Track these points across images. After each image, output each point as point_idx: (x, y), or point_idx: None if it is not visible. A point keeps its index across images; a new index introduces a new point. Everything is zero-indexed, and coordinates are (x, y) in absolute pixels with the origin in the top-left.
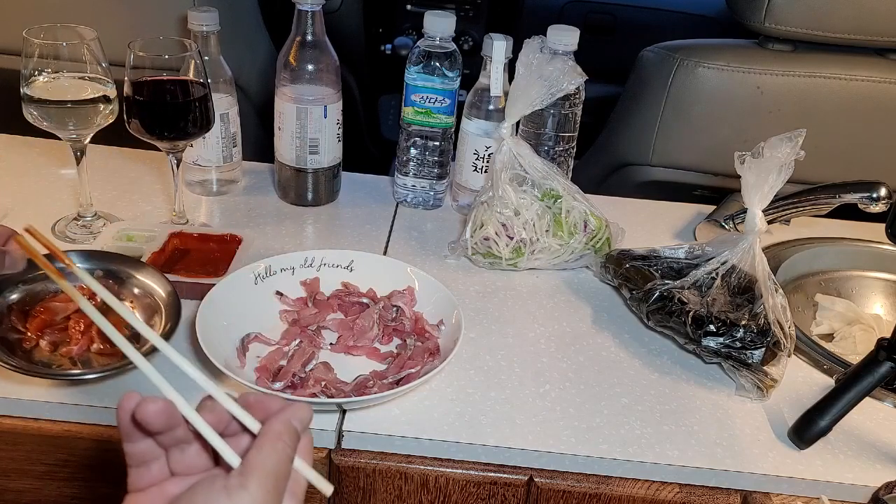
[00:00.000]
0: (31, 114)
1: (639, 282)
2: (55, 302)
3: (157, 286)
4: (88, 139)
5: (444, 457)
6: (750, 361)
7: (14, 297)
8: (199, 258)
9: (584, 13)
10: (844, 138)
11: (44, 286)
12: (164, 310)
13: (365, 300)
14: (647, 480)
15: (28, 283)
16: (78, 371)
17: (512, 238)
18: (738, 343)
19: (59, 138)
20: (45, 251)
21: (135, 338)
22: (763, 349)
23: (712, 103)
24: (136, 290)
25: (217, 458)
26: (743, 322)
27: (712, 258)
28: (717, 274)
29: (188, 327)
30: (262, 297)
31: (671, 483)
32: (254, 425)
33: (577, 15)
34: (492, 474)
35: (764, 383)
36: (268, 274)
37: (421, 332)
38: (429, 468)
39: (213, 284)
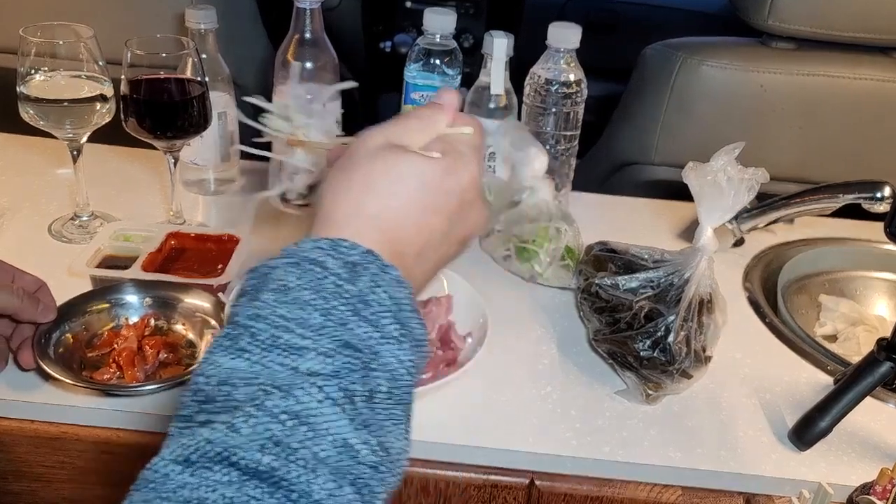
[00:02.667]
0: (27, 113)
1: (591, 269)
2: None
3: (202, 302)
4: (85, 138)
5: (443, 460)
6: (636, 366)
7: (75, 326)
8: (196, 258)
9: (585, 11)
10: (848, 137)
11: (98, 319)
12: (213, 321)
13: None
14: (648, 483)
15: (87, 315)
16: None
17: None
18: (627, 350)
19: (55, 137)
20: None
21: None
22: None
23: (715, 102)
24: (184, 312)
25: None
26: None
27: (665, 265)
28: (659, 283)
29: None
30: None
31: (673, 485)
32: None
33: (579, 12)
34: (492, 477)
35: (647, 387)
36: None
37: (447, 342)
38: (428, 471)
39: (212, 285)
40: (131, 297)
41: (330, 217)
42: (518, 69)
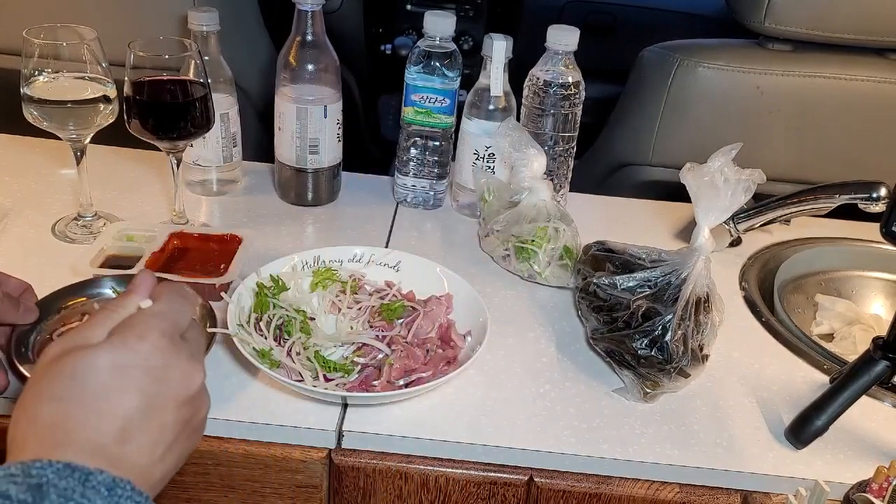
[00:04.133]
0: (31, 114)
1: (589, 269)
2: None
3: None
4: (88, 139)
5: (444, 457)
6: (634, 365)
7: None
8: (199, 258)
9: (584, 13)
10: (844, 138)
11: (74, 314)
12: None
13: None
14: (647, 480)
15: (63, 310)
16: None
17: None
18: (625, 348)
19: (59, 138)
20: None
21: None
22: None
23: (712, 103)
24: None
25: None
26: (637, 331)
27: (663, 265)
28: (656, 282)
29: None
30: None
31: (671, 483)
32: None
33: (577, 15)
34: (492, 474)
35: (645, 386)
36: (315, 264)
37: (447, 341)
38: (429, 468)
39: (214, 284)
40: (108, 291)
41: (12, 441)
42: (517, 71)
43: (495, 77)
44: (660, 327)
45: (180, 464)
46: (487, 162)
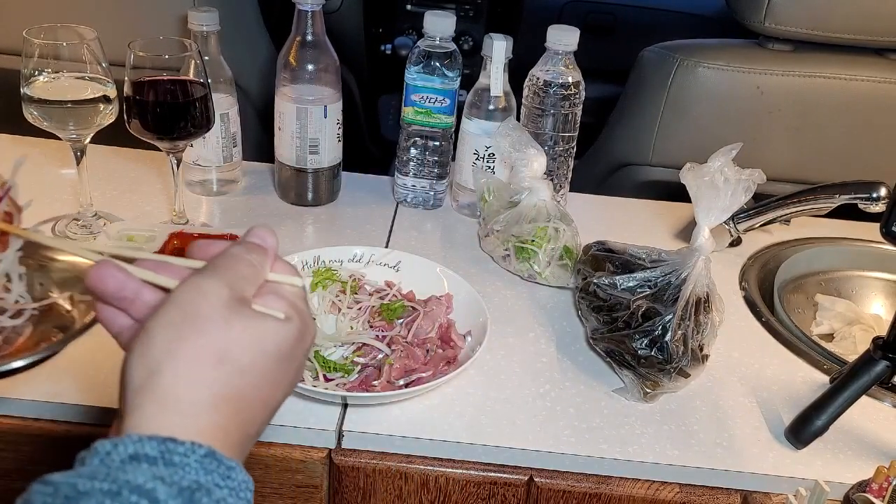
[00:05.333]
0: (31, 114)
1: (589, 269)
2: None
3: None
4: (88, 139)
5: (444, 457)
6: (634, 365)
7: None
8: None
9: (583, 13)
10: (844, 138)
11: None
12: None
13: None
14: (647, 480)
15: None
16: None
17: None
18: (625, 348)
19: (59, 138)
20: None
21: None
22: (646, 360)
23: (712, 103)
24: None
25: None
26: (637, 331)
27: (663, 265)
28: (656, 282)
29: None
30: None
31: (671, 483)
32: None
33: (577, 15)
34: (492, 474)
35: (645, 386)
36: (315, 264)
37: (447, 341)
38: (429, 468)
39: None
40: None
41: (171, 396)
42: (517, 71)
43: (495, 77)
44: (660, 327)
45: None
46: (487, 162)
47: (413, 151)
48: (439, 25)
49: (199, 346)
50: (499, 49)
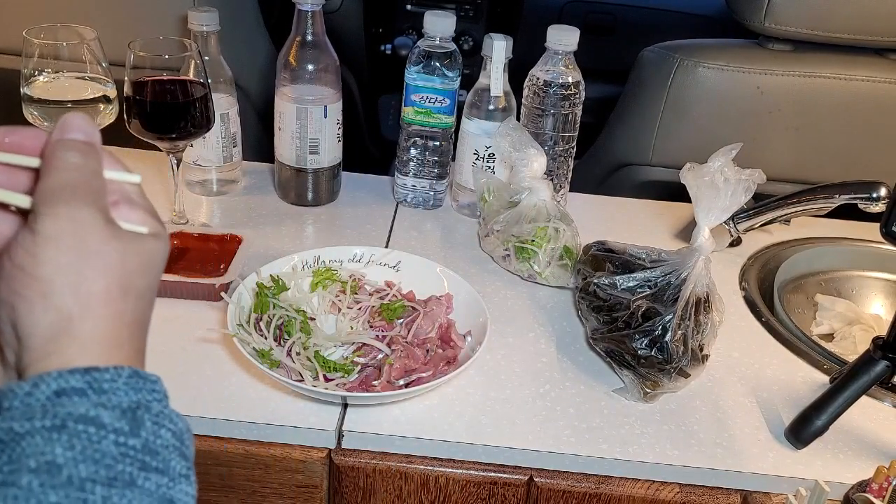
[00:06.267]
0: (31, 114)
1: (589, 269)
2: None
3: None
4: None
5: (444, 457)
6: (634, 365)
7: None
8: (198, 258)
9: (583, 13)
10: (844, 138)
11: None
12: None
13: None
14: (647, 480)
15: None
16: None
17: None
18: (625, 348)
19: None
20: None
21: None
22: (646, 360)
23: (712, 103)
24: None
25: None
26: (637, 331)
27: (663, 265)
28: (656, 282)
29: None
30: None
31: (671, 483)
32: (35, 163)
33: (577, 15)
34: (492, 474)
35: (645, 386)
36: (315, 264)
37: (447, 341)
38: (429, 468)
39: (213, 284)
40: None
41: (92, 337)
42: (517, 71)
43: (495, 77)
44: (660, 327)
45: None
46: (487, 162)
47: (413, 151)
48: (439, 25)
49: (107, 286)
50: (499, 49)
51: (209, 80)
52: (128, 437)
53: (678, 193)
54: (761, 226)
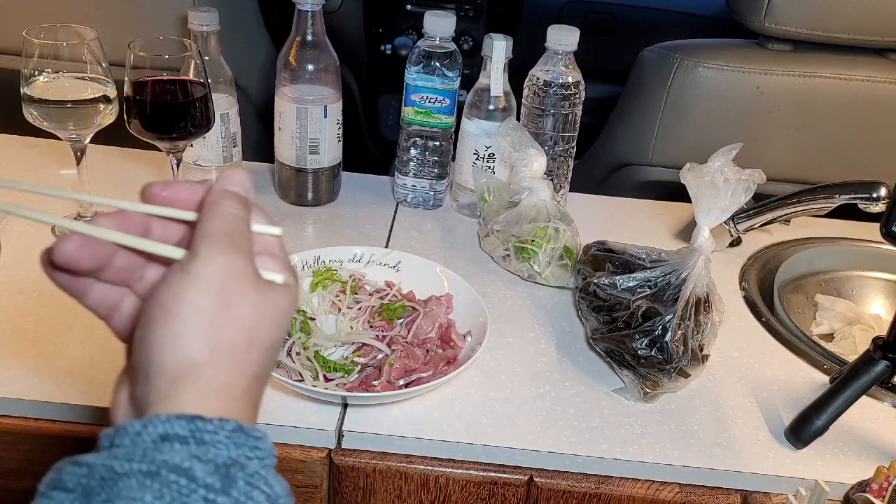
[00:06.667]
0: (31, 114)
1: (589, 269)
2: None
3: None
4: (88, 139)
5: (444, 457)
6: (634, 365)
7: None
8: None
9: (583, 13)
10: (844, 138)
11: None
12: None
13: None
14: (647, 480)
15: None
16: None
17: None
18: (625, 348)
19: (59, 138)
20: None
21: None
22: (646, 359)
23: (712, 103)
24: None
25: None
26: (637, 331)
27: (663, 265)
28: (656, 282)
29: None
30: None
31: (671, 483)
32: (189, 216)
33: (577, 15)
34: (492, 474)
35: (645, 386)
36: (315, 264)
37: (447, 341)
38: (429, 468)
39: None
40: None
41: (211, 385)
42: (517, 71)
43: (495, 77)
44: (660, 327)
45: None
46: (487, 162)
47: (413, 151)
48: (439, 25)
49: (234, 336)
50: (499, 49)
51: (209, 80)
52: (217, 495)
53: (678, 193)
54: (761, 226)
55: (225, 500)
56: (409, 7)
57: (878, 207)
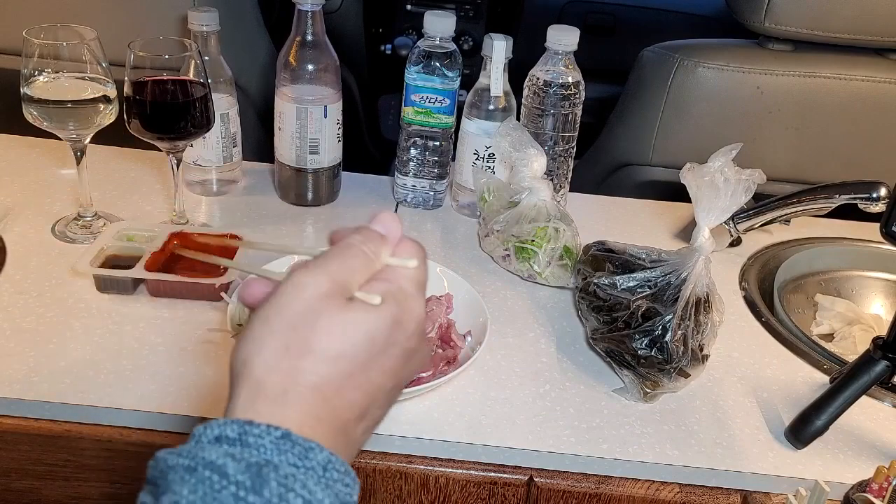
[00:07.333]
0: (31, 114)
1: (589, 269)
2: None
3: None
4: (88, 139)
5: (444, 457)
6: (633, 365)
7: None
8: None
9: (583, 13)
10: (844, 138)
11: None
12: None
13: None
14: (647, 480)
15: None
16: None
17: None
18: (625, 348)
19: (59, 138)
20: None
21: None
22: (646, 360)
23: (712, 103)
24: None
25: None
26: (637, 331)
27: (663, 265)
28: (656, 282)
29: None
30: None
31: (671, 483)
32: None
33: (577, 15)
34: (492, 474)
35: (645, 386)
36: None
37: (447, 341)
38: (429, 468)
39: (214, 284)
40: None
41: (261, 386)
42: (517, 71)
43: (495, 77)
44: (660, 327)
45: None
46: (487, 162)
47: (413, 151)
48: (439, 25)
49: (286, 339)
50: (499, 49)
51: (209, 80)
52: (248, 493)
53: (678, 193)
54: (761, 226)
55: (255, 499)
56: (409, 7)
57: (878, 207)
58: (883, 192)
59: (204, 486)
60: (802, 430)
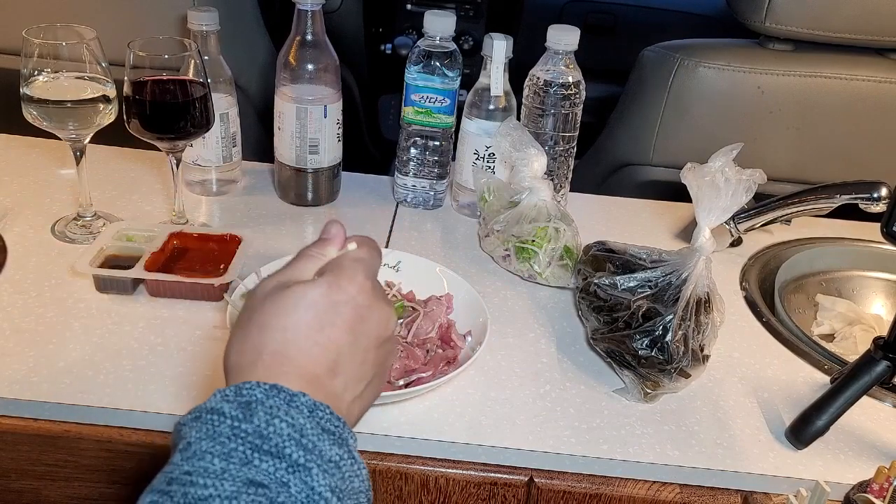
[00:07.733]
0: (30, 114)
1: (590, 269)
2: None
3: None
4: (88, 139)
5: (444, 457)
6: (634, 365)
7: None
8: (198, 258)
9: (584, 13)
10: (845, 138)
11: None
12: None
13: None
14: (647, 481)
15: None
16: None
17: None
18: (625, 348)
19: (58, 138)
20: None
21: None
22: (647, 359)
23: (713, 103)
24: None
25: None
26: (637, 331)
27: (663, 265)
28: (657, 282)
29: None
30: None
31: (671, 483)
32: None
33: (578, 15)
34: (492, 475)
35: (645, 386)
36: None
37: (447, 341)
38: (429, 468)
39: (213, 284)
40: None
41: (236, 367)
42: (517, 71)
43: (495, 77)
44: (660, 327)
45: (369, 405)
46: (487, 162)
47: (413, 151)
48: (439, 25)
49: (246, 329)
50: (499, 49)
51: (209, 80)
52: (241, 423)
53: (679, 193)
54: (762, 226)
55: (247, 426)
56: (409, 7)
57: (879, 207)
58: (884, 192)
59: (206, 426)
60: (803, 431)
